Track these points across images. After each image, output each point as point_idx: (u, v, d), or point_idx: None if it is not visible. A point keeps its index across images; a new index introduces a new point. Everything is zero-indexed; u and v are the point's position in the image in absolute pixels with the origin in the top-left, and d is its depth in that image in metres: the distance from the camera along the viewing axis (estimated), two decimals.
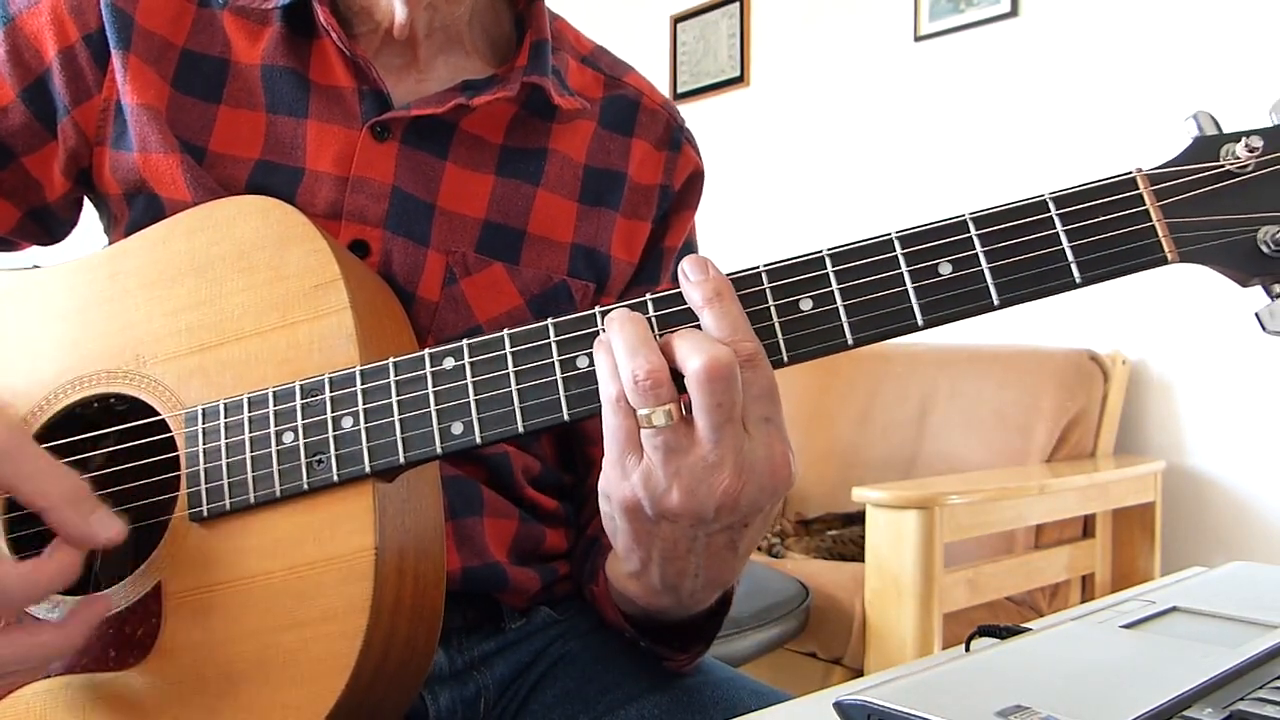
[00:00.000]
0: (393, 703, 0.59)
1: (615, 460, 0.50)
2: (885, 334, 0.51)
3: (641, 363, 0.48)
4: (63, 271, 0.65)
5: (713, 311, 0.50)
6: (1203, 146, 0.49)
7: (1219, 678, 0.49)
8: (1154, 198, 0.48)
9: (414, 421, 0.55)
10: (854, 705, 0.47)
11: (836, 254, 0.51)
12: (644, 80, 0.82)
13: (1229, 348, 2.08)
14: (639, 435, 0.49)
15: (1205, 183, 0.48)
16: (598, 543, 0.73)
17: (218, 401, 0.58)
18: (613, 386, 0.49)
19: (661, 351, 0.49)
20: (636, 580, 0.60)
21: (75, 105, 0.68)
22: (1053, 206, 0.49)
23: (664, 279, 0.80)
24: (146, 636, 0.57)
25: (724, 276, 0.51)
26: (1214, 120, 0.50)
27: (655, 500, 0.50)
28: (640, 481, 0.50)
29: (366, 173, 0.68)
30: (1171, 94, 2.16)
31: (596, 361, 0.51)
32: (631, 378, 0.48)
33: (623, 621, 0.68)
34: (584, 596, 0.77)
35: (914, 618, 1.64)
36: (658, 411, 0.48)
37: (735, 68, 3.08)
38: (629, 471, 0.50)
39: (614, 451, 0.50)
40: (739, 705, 0.67)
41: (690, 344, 0.48)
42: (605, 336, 0.51)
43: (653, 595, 0.60)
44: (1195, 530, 2.15)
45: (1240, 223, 0.48)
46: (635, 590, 0.61)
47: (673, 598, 0.59)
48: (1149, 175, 0.49)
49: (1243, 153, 0.48)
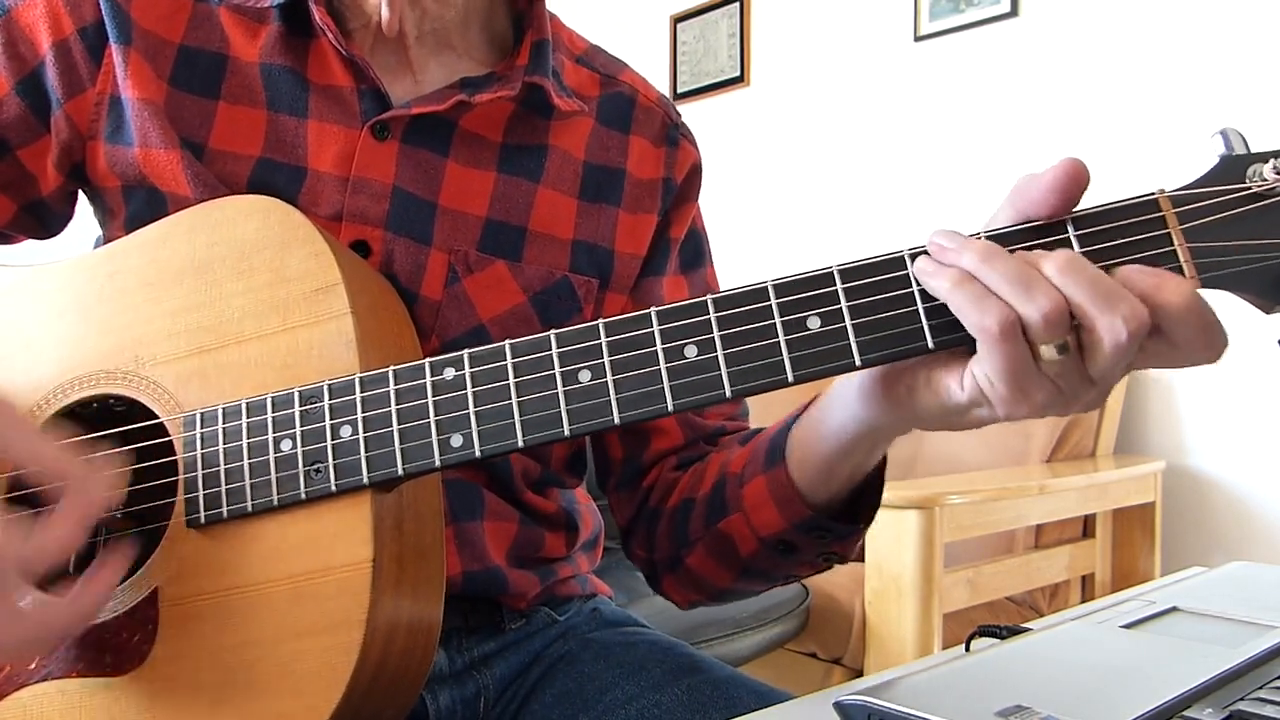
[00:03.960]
0: (390, 712, 0.58)
1: (1012, 385, 0.48)
2: (896, 355, 0.49)
3: (1044, 301, 0.45)
4: (61, 269, 0.65)
5: (991, 269, 0.47)
6: (1229, 166, 0.48)
7: (1219, 678, 0.49)
8: (1176, 220, 0.47)
9: (413, 432, 0.54)
10: (854, 705, 0.47)
11: (846, 270, 0.50)
12: (639, 77, 0.82)
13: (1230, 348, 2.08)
14: (1033, 361, 0.47)
15: (1230, 205, 0.47)
16: (724, 480, 0.70)
17: (216, 406, 0.58)
18: (995, 319, 0.46)
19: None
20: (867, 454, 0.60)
21: (68, 99, 0.68)
22: (1071, 227, 0.48)
23: (670, 270, 0.80)
24: (143, 643, 0.56)
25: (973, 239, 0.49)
26: (1242, 138, 0.48)
27: (1064, 408, 0.49)
28: (1046, 401, 0.48)
29: (367, 173, 0.68)
30: (1172, 94, 2.16)
31: (958, 294, 0.47)
32: (1041, 315, 0.45)
33: (777, 530, 0.66)
34: (654, 578, 0.78)
35: (914, 618, 1.64)
36: (1059, 342, 0.46)
37: (735, 68, 3.08)
38: (1030, 393, 0.48)
39: (1008, 378, 0.47)
40: (739, 705, 0.67)
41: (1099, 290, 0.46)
42: (963, 266, 0.47)
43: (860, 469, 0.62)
44: (1195, 530, 2.15)
45: (1266, 248, 0.46)
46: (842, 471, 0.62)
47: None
48: (1172, 197, 0.48)
49: (1270, 174, 0.46)
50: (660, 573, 0.77)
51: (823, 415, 0.61)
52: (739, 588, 0.73)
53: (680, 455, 0.77)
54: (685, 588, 0.76)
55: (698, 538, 0.71)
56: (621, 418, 0.52)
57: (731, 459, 0.71)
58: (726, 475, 0.69)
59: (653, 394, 0.51)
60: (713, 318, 0.51)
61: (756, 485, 0.66)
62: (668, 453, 0.77)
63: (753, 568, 0.69)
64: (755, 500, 0.66)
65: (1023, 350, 0.47)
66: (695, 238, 0.82)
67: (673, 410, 0.51)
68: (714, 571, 0.72)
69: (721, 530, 0.69)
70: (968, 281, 0.47)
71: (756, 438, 0.70)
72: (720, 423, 0.79)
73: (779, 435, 0.66)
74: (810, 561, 0.68)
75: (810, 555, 0.67)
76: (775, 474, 0.64)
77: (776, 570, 0.70)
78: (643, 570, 0.80)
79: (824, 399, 0.62)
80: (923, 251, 0.50)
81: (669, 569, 0.75)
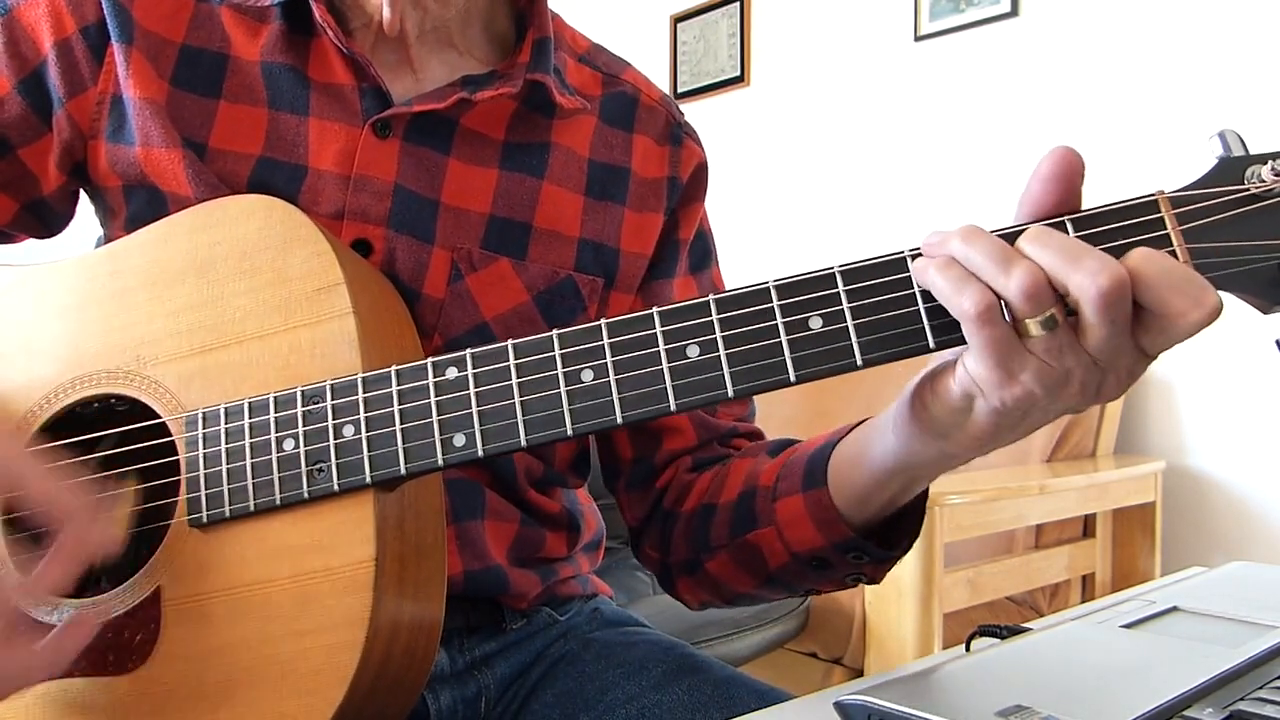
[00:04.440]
0: (392, 711, 0.59)
1: (996, 367, 0.47)
2: (896, 355, 0.50)
3: (1020, 274, 0.45)
4: (62, 269, 0.65)
5: (970, 248, 0.47)
6: (1227, 167, 0.48)
7: (1219, 678, 0.49)
8: (1175, 221, 0.47)
9: (415, 432, 0.54)
10: (854, 705, 0.48)
11: (848, 271, 0.50)
12: (641, 76, 0.82)
13: (1229, 348, 2.08)
14: (1019, 340, 0.47)
15: (1228, 206, 0.47)
16: (754, 492, 0.70)
17: (218, 406, 0.58)
18: (973, 300, 0.46)
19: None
20: (907, 472, 0.59)
21: (70, 98, 0.68)
22: (1071, 227, 0.48)
23: (679, 272, 0.80)
24: (145, 642, 0.56)
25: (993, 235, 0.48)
26: (1240, 140, 0.48)
27: (1068, 391, 0.48)
28: (1037, 381, 0.47)
29: (369, 171, 0.68)
30: (1172, 94, 2.16)
31: (940, 279, 0.47)
32: (1018, 288, 0.45)
33: (816, 542, 0.65)
34: (672, 581, 0.77)
35: (914, 618, 1.64)
36: (1043, 317, 0.46)
37: (735, 68, 3.08)
38: (1016, 373, 0.47)
39: (991, 360, 0.47)
40: (739, 705, 0.67)
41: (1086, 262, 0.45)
42: (948, 251, 0.47)
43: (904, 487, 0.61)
44: (1195, 530, 2.15)
45: (1264, 249, 0.46)
46: (885, 486, 0.61)
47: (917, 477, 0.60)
48: (1171, 198, 0.48)
49: (1269, 176, 0.46)
50: (675, 574, 0.76)
51: (860, 446, 0.62)
52: (759, 594, 0.73)
53: (695, 457, 0.77)
54: (702, 590, 0.75)
55: (721, 545, 0.71)
56: (624, 417, 0.52)
57: (761, 470, 0.70)
58: (756, 487, 0.69)
59: (655, 394, 0.51)
60: (715, 318, 0.51)
61: (793, 503, 0.66)
62: (681, 453, 0.77)
63: (778, 579, 0.69)
64: (790, 517, 0.66)
65: (1004, 330, 0.46)
66: (703, 239, 0.82)
67: (675, 410, 0.51)
68: (735, 578, 0.71)
69: (749, 541, 0.68)
70: (949, 265, 0.47)
71: (789, 452, 0.69)
72: (732, 423, 0.78)
73: (818, 457, 0.65)
74: (839, 580, 0.68)
75: (841, 573, 0.67)
76: (816, 496, 0.64)
77: (802, 583, 0.70)
78: (654, 571, 0.79)
79: (862, 429, 0.62)
80: (919, 251, 0.50)
81: (686, 572, 0.75)
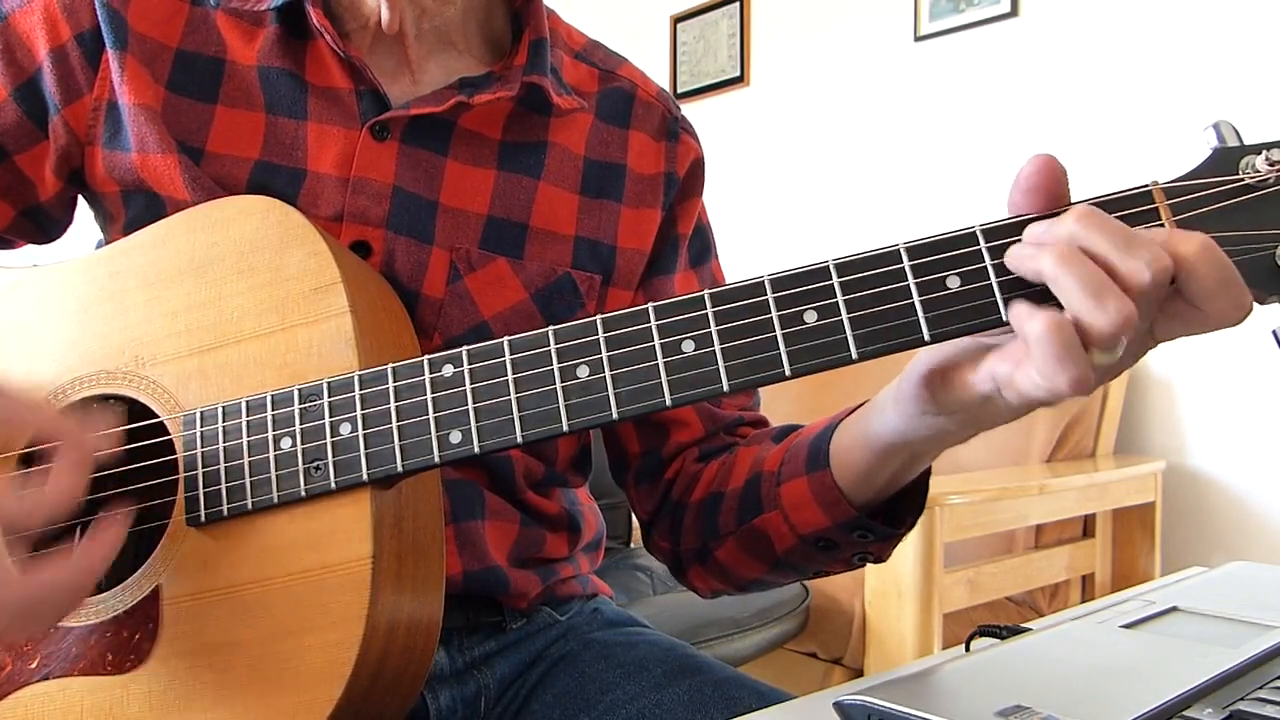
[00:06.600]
0: (391, 710, 0.59)
1: (1055, 375, 0.45)
2: (890, 349, 0.49)
3: (1122, 312, 0.43)
4: (62, 270, 0.65)
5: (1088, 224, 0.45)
6: (1221, 158, 0.48)
7: (1219, 678, 0.49)
8: (1169, 212, 0.47)
9: (412, 429, 0.54)
10: (854, 705, 0.47)
11: (842, 264, 0.50)
12: (638, 72, 0.82)
13: (1229, 348, 2.08)
14: (1083, 348, 0.45)
15: (1223, 197, 0.47)
16: (759, 478, 0.70)
17: (216, 405, 0.58)
18: (1119, 311, 0.43)
19: None
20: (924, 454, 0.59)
21: (66, 104, 0.68)
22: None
23: (680, 267, 0.80)
24: (144, 641, 0.56)
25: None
26: (1235, 130, 0.48)
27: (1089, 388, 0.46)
28: (1069, 383, 0.45)
29: (367, 173, 0.68)
30: (1172, 93, 2.16)
31: (1058, 270, 0.45)
32: (1112, 327, 0.43)
33: (821, 524, 0.65)
34: (681, 570, 0.77)
35: (914, 618, 1.64)
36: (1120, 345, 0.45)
37: (735, 68, 3.08)
38: (1060, 379, 0.45)
39: (1057, 371, 0.45)
40: (739, 705, 0.67)
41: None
42: (1063, 250, 0.45)
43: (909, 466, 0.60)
44: (1195, 530, 2.15)
45: (1259, 239, 0.46)
46: (888, 466, 0.60)
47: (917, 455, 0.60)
48: (1166, 188, 0.48)
49: (1263, 166, 0.46)
50: (686, 564, 0.77)
51: (861, 426, 0.62)
52: (769, 579, 0.74)
53: (702, 447, 0.77)
54: (712, 578, 0.76)
55: (729, 532, 0.71)
56: (620, 413, 0.52)
57: (765, 456, 0.70)
58: (761, 473, 0.69)
59: (650, 389, 0.51)
60: (709, 312, 0.51)
61: (797, 486, 0.66)
62: (688, 445, 0.77)
63: (786, 562, 0.70)
64: (795, 500, 0.66)
65: (1082, 350, 0.45)
66: (702, 233, 0.82)
67: (671, 405, 0.51)
68: (744, 564, 0.72)
69: (756, 526, 0.69)
70: (1081, 261, 0.44)
71: (792, 437, 0.70)
72: (737, 413, 0.79)
73: (820, 439, 0.66)
74: (846, 560, 0.68)
75: (847, 554, 0.67)
76: (820, 478, 0.64)
77: (810, 565, 0.70)
78: (666, 561, 0.80)
79: (863, 409, 0.62)
80: (913, 245, 0.49)
81: (697, 560, 0.75)
